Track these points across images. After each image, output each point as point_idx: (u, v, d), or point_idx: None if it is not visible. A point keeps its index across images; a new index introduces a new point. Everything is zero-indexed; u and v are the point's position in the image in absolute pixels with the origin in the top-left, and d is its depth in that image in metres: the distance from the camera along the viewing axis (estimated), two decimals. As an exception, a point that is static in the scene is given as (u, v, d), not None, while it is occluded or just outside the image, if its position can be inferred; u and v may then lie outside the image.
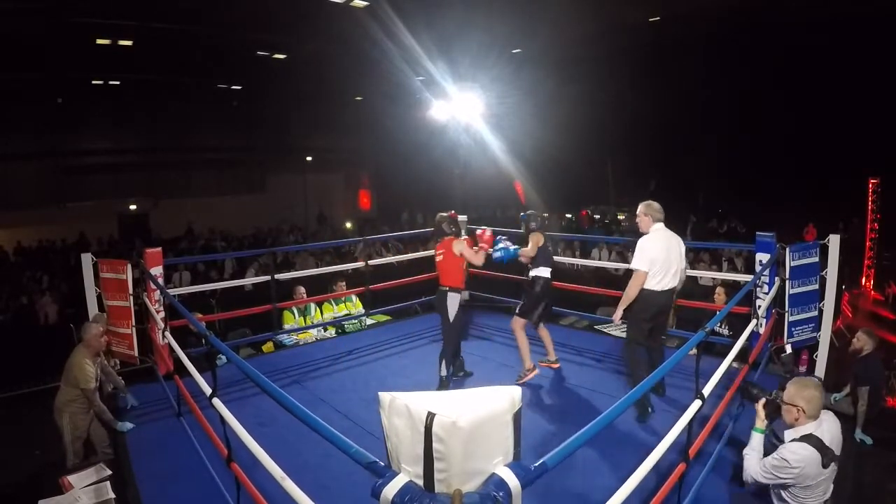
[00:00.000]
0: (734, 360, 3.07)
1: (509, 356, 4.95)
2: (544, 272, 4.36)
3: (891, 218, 9.46)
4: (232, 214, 17.42)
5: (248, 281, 7.22)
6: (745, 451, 2.54)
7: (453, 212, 4.49)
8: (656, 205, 3.81)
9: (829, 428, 2.40)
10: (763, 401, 2.60)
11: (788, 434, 2.44)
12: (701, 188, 15.43)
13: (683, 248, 3.83)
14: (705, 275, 7.49)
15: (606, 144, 15.60)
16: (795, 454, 2.31)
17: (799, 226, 10.73)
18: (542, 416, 3.83)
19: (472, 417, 1.42)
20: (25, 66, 12.05)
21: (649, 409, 3.69)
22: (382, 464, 1.55)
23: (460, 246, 4.20)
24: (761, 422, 2.59)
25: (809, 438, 2.35)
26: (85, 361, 3.68)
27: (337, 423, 3.75)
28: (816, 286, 4.35)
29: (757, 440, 2.54)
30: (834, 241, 4.16)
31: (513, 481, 1.43)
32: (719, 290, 5.30)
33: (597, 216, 15.89)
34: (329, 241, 14.27)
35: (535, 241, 4.36)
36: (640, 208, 3.88)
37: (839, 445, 2.40)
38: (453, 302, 4.20)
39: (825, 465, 2.31)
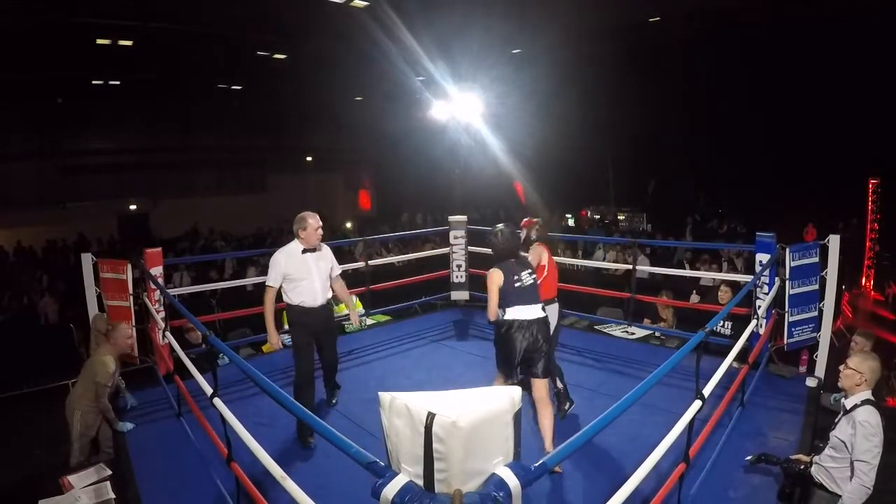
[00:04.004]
0: (734, 360, 3.07)
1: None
2: (514, 312, 3.22)
3: (891, 218, 9.46)
4: (232, 214, 17.41)
5: (249, 281, 7.21)
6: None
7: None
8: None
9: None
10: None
11: (850, 401, 2.57)
12: (701, 188, 15.43)
13: None
14: (705, 275, 7.49)
15: (606, 144, 15.59)
16: (870, 414, 2.44)
17: (799, 226, 10.73)
18: (542, 416, 3.82)
19: (472, 417, 1.42)
20: (25, 65, 12.05)
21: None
22: (382, 464, 1.55)
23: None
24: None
25: (871, 402, 2.49)
26: (108, 358, 3.73)
27: (337, 423, 3.76)
28: (816, 286, 4.35)
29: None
30: (834, 241, 4.15)
31: (513, 481, 1.43)
32: (724, 287, 5.26)
33: (596, 216, 15.89)
34: (329, 241, 14.25)
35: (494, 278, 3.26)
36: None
37: None
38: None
39: (885, 429, 2.45)
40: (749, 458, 3.01)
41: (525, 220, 4.18)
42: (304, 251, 3.60)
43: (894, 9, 9.16)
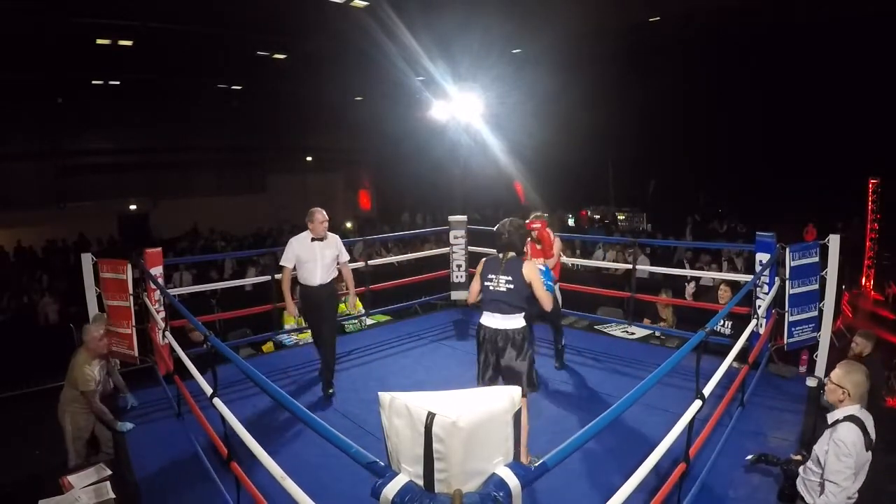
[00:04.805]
0: (734, 359, 3.07)
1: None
2: (482, 317, 3.17)
3: (891, 218, 9.46)
4: (232, 214, 17.41)
5: (249, 281, 7.22)
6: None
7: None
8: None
9: (868, 417, 2.44)
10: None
11: (832, 415, 2.49)
12: (701, 188, 15.43)
13: None
14: (705, 275, 7.49)
15: (607, 144, 15.60)
16: (848, 433, 2.34)
17: (799, 226, 10.73)
18: (542, 416, 3.83)
19: (471, 417, 1.42)
20: (25, 65, 12.04)
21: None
22: (382, 463, 1.55)
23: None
24: None
25: (853, 418, 2.38)
26: (85, 365, 3.69)
27: (337, 423, 3.76)
28: (816, 286, 4.35)
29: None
30: (834, 241, 4.16)
31: (513, 481, 1.43)
32: (724, 286, 5.25)
33: (597, 216, 15.90)
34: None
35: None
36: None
37: (874, 439, 2.44)
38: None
39: (867, 447, 2.35)
40: (749, 457, 3.01)
41: (531, 220, 4.26)
42: (313, 239, 4.22)
43: (894, 9, 9.16)
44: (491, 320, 3.09)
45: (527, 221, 4.00)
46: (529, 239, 4.09)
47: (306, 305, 4.33)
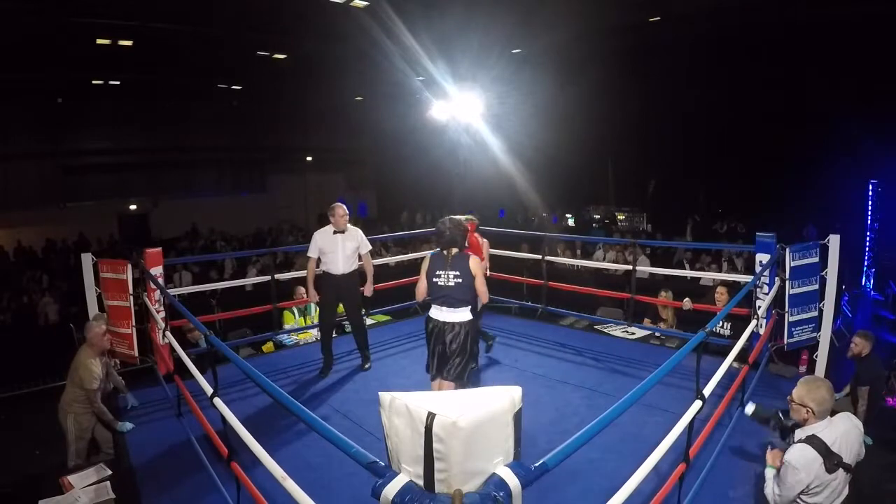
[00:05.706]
0: (734, 360, 3.07)
1: (507, 356, 4.97)
2: (432, 310, 3.44)
3: (891, 218, 9.46)
4: (232, 214, 17.42)
5: (249, 281, 7.22)
6: (765, 484, 2.53)
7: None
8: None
9: (838, 431, 2.35)
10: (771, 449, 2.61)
11: (797, 434, 2.45)
12: (701, 188, 15.43)
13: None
14: (705, 275, 7.49)
15: (606, 144, 15.59)
16: (800, 456, 2.29)
17: (799, 226, 10.73)
18: (542, 416, 3.83)
19: (472, 417, 1.42)
20: (25, 65, 12.05)
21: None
22: (382, 464, 1.55)
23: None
24: (773, 460, 2.55)
25: (813, 440, 2.32)
26: (90, 361, 3.69)
27: (337, 423, 3.76)
28: (816, 286, 4.35)
29: (770, 475, 2.52)
30: (834, 241, 4.16)
31: (513, 481, 1.43)
32: (721, 289, 5.26)
33: (596, 216, 15.90)
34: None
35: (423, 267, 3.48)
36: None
37: (851, 450, 2.35)
38: None
39: (829, 470, 2.26)
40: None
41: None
42: (335, 232, 4.56)
43: (894, 9, 9.16)
44: (439, 313, 3.34)
45: None
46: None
47: (327, 292, 4.66)
